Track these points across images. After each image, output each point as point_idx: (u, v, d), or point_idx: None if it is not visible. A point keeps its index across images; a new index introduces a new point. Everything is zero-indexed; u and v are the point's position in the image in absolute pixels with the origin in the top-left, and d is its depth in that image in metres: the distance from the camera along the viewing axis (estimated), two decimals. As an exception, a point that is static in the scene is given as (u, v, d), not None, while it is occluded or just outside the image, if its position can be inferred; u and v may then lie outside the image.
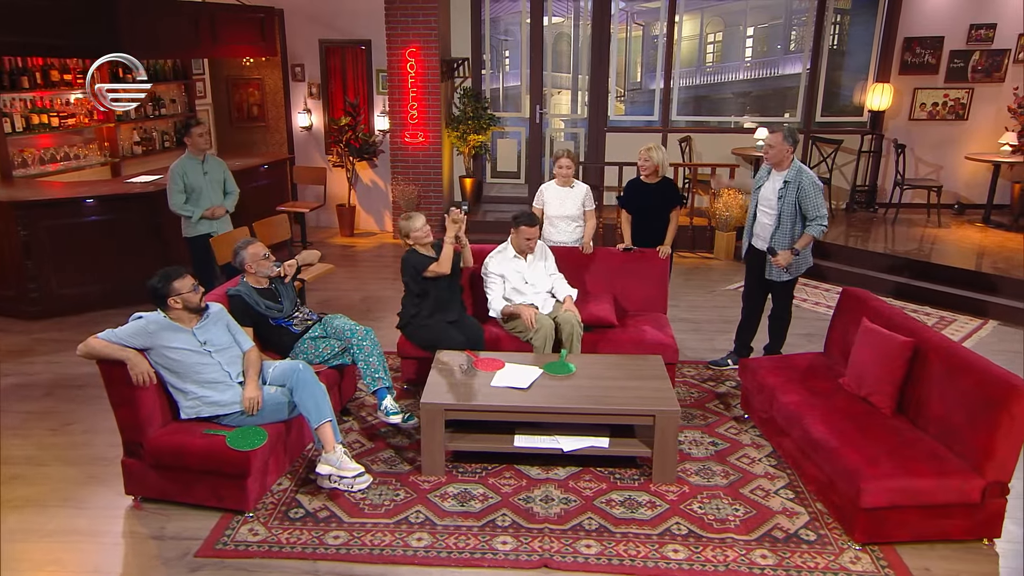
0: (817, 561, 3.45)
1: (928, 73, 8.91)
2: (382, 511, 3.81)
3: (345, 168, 9.00)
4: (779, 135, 4.79)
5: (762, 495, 3.95)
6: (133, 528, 3.71)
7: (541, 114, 9.24)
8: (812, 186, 4.77)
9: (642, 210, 5.50)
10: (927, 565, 3.44)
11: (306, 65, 8.99)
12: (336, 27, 8.77)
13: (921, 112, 9.02)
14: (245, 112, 10.03)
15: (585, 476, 4.09)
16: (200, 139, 5.86)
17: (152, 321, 3.73)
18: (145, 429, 3.72)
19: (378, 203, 9.34)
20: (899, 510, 3.46)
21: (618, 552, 3.51)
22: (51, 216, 6.22)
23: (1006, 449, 3.38)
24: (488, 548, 3.54)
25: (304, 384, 3.84)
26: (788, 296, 5.16)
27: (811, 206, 4.77)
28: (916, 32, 8.81)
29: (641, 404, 3.97)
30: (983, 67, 8.88)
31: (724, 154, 8.90)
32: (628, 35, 9.52)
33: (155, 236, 6.64)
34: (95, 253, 6.44)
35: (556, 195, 5.48)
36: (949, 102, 8.99)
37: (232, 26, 7.73)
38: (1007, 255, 7.38)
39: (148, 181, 6.88)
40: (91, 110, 7.81)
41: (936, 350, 3.79)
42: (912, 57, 8.87)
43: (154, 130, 8.57)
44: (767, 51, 9.96)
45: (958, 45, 8.81)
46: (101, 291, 6.53)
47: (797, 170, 4.82)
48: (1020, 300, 6.49)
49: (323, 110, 9.15)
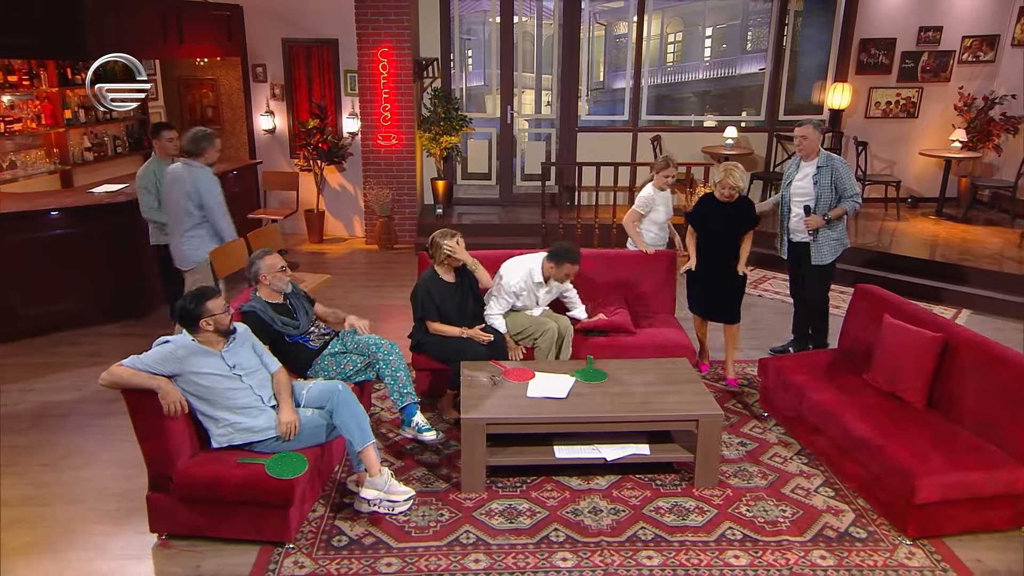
0: (875, 559, 3.50)
1: (882, 73, 9.26)
2: (430, 533, 3.65)
3: (313, 172, 8.67)
4: (809, 127, 5.09)
5: (803, 494, 3.99)
6: (165, 569, 3.44)
7: (512, 114, 9.15)
8: (844, 167, 5.12)
9: (714, 231, 5.06)
10: (978, 556, 3.54)
11: (268, 65, 8.60)
12: (300, 26, 8.42)
13: (876, 110, 9.38)
14: (199, 114, 9.54)
15: (627, 484, 4.04)
16: (169, 144, 5.56)
17: (181, 346, 3.46)
18: (175, 461, 3.45)
19: (347, 208, 9.04)
20: (950, 504, 3.55)
21: (681, 562, 3.47)
22: (13, 230, 5.72)
23: (1046, 438, 3.52)
24: (549, 566, 3.44)
25: (345, 405, 3.64)
26: (822, 283, 5.29)
27: (847, 185, 5.06)
28: (871, 34, 9.14)
29: (684, 409, 3.95)
30: (931, 67, 9.29)
31: (695, 153, 9.02)
32: (591, 35, 9.51)
33: (127, 249, 6.21)
34: (62, 269, 5.97)
35: (663, 200, 5.49)
36: (901, 100, 9.38)
37: (198, 25, 7.32)
38: (966, 246, 7.75)
39: (116, 190, 6.42)
40: (38, 114, 7.25)
41: (967, 345, 3.91)
42: (867, 57, 9.21)
43: (105, 135, 8.03)
44: (725, 51, 10.15)
45: (909, 46, 9.19)
46: (69, 310, 6.06)
47: (827, 155, 5.12)
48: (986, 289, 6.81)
49: (287, 112, 8.78)
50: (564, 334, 4.83)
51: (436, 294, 4.63)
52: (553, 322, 4.82)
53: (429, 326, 4.65)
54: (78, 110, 7.51)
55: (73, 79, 7.38)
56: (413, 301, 4.71)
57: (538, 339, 4.77)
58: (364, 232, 8.85)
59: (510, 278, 4.77)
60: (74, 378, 5.30)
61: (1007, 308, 6.61)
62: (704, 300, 5.21)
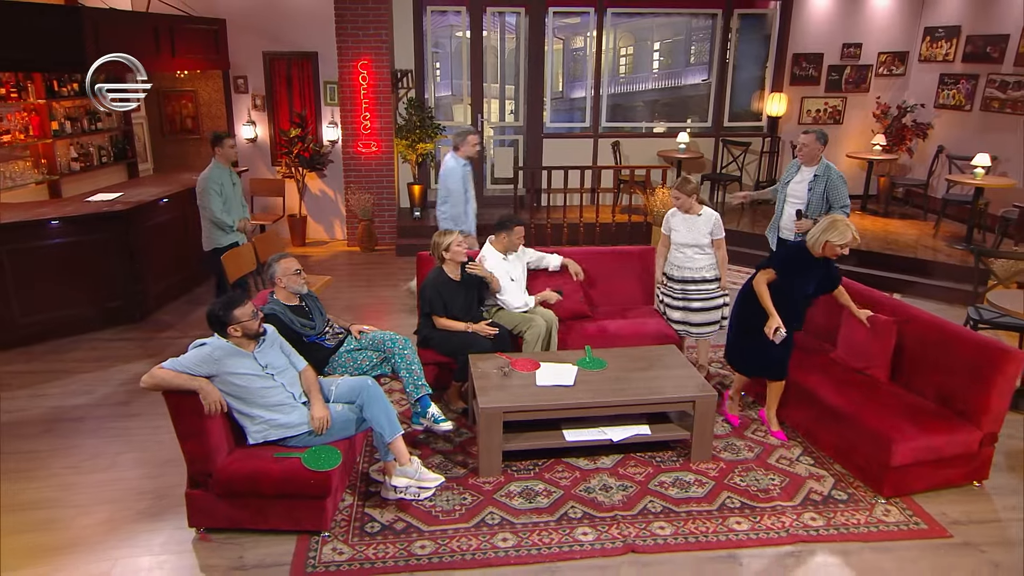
0: (857, 518, 3.66)
1: (812, 84, 9.60)
2: (456, 516, 3.64)
3: (295, 179, 8.46)
4: (812, 136, 5.09)
5: (787, 463, 4.12)
6: (209, 561, 3.33)
7: (483, 122, 9.12)
8: (839, 179, 5.07)
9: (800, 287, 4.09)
10: (942, 509, 3.74)
11: (249, 77, 8.34)
12: (281, 40, 8.19)
13: (808, 117, 9.71)
14: (178, 124, 9.22)
15: (630, 462, 4.10)
16: (231, 150, 5.64)
17: (217, 347, 3.35)
18: (214, 458, 3.35)
19: (328, 212, 8.86)
20: (918, 465, 3.73)
21: (691, 530, 3.55)
22: (12, 240, 5.42)
23: (999, 404, 3.74)
24: (573, 540, 3.47)
25: (375, 399, 3.59)
26: None
27: (838, 196, 5.05)
28: (802, 49, 9.46)
29: (683, 392, 4.03)
30: (853, 79, 9.68)
31: (650, 156, 9.18)
32: (551, 48, 9.55)
33: (123, 256, 5.96)
34: (60, 277, 5.69)
35: (683, 222, 4.85)
36: (829, 108, 9.74)
37: (188, 39, 7.05)
38: (889, 237, 8.11)
39: (112, 199, 6.14)
40: (26, 125, 6.87)
41: (925, 325, 4.11)
42: (800, 70, 9.53)
43: (91, 145, 7.65)
44: (672, 64, 10.33)
45: (834, 60, 9.55)
46: (67, 317, 5.78)
47: (826, 166, 5.12)
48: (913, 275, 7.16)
49: (268, 122, 8.53)
50: (550, 327, 4.85)
51: (443, 291, 4.60)
52: (540, 317, 4.84)
53: (436, 321, 4.62)
54: (64, 121, 7.14)
55: (59, 91, 7.02)
56: (421, 297, 4.67)
57: (525, 332, 4.76)
58: (346, 235, 8.69)
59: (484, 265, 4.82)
60: (83, 383, 5.07)
61: (934, 292, 6.95)
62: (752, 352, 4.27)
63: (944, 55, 9.17)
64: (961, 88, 8.94)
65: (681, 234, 4.84)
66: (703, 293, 4.87)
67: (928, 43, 9.42)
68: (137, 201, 6.09)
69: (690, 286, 4.87)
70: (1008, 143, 8.19)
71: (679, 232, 4.85)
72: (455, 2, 8.90)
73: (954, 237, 8.01)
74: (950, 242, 7.84)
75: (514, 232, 4.85)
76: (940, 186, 8.91)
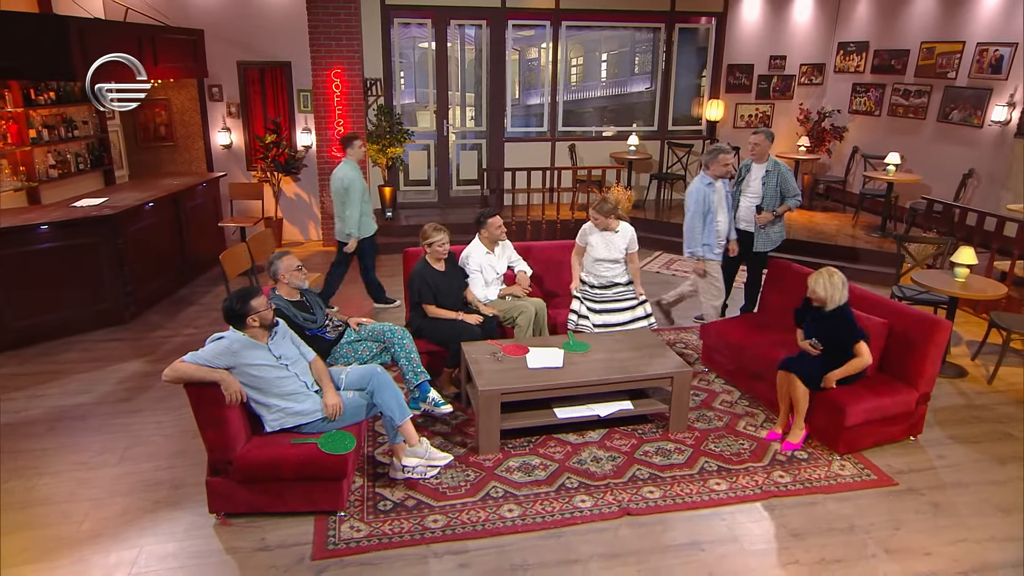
0: (818, 473, 3.83)
1: (744, 92, 9.92)
2: (462, 491, 3.64)
3: (271, 183, 8.24)
4: (762, 135, 5.28)
5: (753, 429, 4.28)
6: (232, 544, 3.24)
7: (448, 127, 9.07)
8: (788, 172, 5.35)
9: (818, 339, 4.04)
10: (887, 462, 3.96)
11: (224, 86, 8.07)
12: (255, 50, 7.95)
13: (741, 122, 10.02)
14: (152, 132, 8.84)
15: (615, 435, 4.18)
16: (361, 150, 5.89)
17: (235, 340, 3.26)
18: (234, 446, 3.26)
19: (302, 215, 8.66)
20: (866, 424, 3.94)
21: (676, 492, 3.65)
22: (3, 245, 5.11)
23: (931, 369, 3.98)
24: (573, 508, 3.53)
25: (385, 386, 3.56)
26: (763, 266, 5.49)
27: (790, 187, 5.33)
28: (736, 60, 9.76)
29: (661, 369, 4.13)
30: (779, 88, 10.04)
31: (603, 157, 9.31)
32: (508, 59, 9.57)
33: (111, 259, 5.69)
34: (50, 281, 5.40)
35: (600, 239, 4.80)
36: (759, 114, 10.07)
37: (170, 48, 6.76)
38: (816, 228, 8.47)
39: (99, 203, 5.85)
40: (3, 133, 6.47)
41: (868, 302, 4.32)
42: (734, 79, 9.82)
43: (68, 152, 7.26)
44: (618, 73, 10.48)
45: (763, 71, 9.89)
46: (58, 319, 5.50)
47: (775, 162, 5.33)
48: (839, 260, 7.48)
49: (243, 129, 8.27)
50: (540, 314, 4.90)
51: (431, 281, 4.57)
52: (531, 304, 4.88)
53: (427, 310, 4.59)
54: (42, 129, 6.76)
55: (36, 100, 6.64)
56: (410, 288, 4.63)
57: (517, 318, 4.81)
58: (321, 236, 8.51)
59: (468, 260, 4.84)
60: (80, 382, 4.84)
61: (859, 275, 7.29)
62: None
63: (855, 67, 9.61)
64: (871, 96, 9.40)
65: (598, 250, 4.79)
66: (621, 295, 4.83)
67: (841, 56, 9.85)
68: (124, 205, 5.82)
69: (609, 291, 4.83)
70: (912, 144, 8.66)
71: (596, 248, 4.80)
72: (421, 15, 8.81)
73: (871, 227, 8.42)
74: (868, 231, 8.24)
75: (491, 224, 4.84)
76: (856, 182, 9.35)
